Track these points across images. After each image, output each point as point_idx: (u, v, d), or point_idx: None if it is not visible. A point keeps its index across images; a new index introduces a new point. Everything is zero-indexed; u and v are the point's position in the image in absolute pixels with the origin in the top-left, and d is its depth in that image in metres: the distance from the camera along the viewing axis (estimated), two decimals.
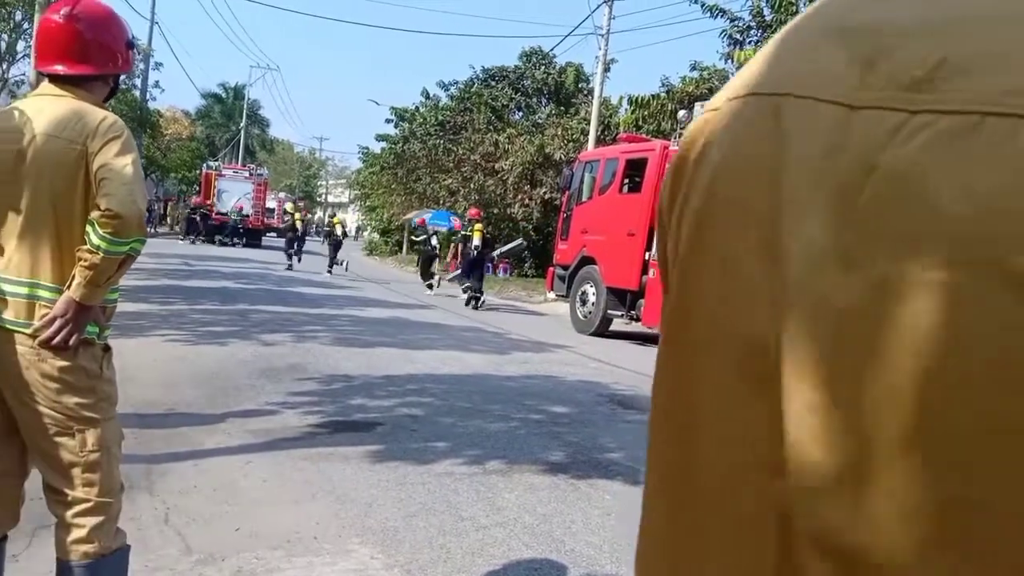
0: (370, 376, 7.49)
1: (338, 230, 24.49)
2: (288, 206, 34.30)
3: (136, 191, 2.23)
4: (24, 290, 2.24)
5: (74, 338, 2.21)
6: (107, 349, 2.38)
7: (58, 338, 2.19)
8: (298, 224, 25.73)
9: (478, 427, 5.94)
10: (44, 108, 2.33)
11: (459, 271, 19.23)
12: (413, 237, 24.77)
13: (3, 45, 21.90)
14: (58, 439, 2.27)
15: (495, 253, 17.02)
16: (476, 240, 17.21)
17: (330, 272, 22.99)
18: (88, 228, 2.21)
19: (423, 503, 4.20)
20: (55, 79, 2.40)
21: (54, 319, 2.18)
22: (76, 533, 2.29)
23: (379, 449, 5.11)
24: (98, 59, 2.42)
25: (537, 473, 4.90)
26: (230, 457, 4.73)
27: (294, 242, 25.14)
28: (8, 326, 2.23)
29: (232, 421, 5.50)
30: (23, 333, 2.22)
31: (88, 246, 2.19)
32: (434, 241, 20.02)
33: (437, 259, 21.26)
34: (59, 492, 2.29)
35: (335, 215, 28.48)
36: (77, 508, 2.28)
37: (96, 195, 2.22)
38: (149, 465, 4.39)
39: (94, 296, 2.22)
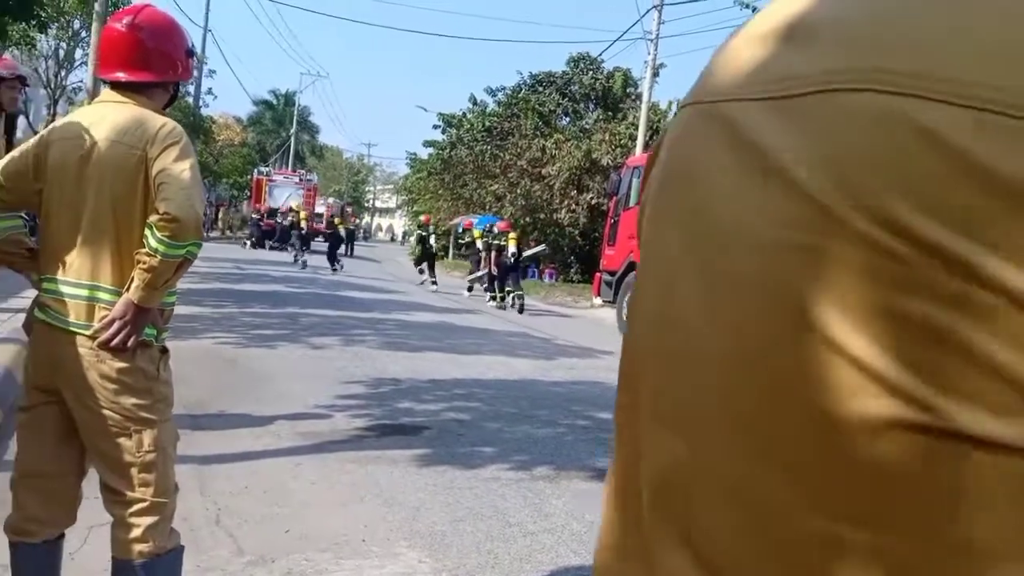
0: (417, 380, 7.51)
1: (341, 230, 25.86)
2: (293, 204, 34.36)
3: (193, 195, 2.26)
4: (84, 292, 2.28)
5: (132, 340, 2.25)
6: (164, 351, 2.42)
7: (117, 340, 2.22)
8: (340, 229, 26.48)
9: (525, 432, 5.91)
10: (106, 114, 2.37)
11: (481, 273, 20.18)
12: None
13: (62, 53, 22.52)
14: (116, 440, 2.30)
15: (521, 256, 17.62)
16: (512, 248, 17.71)
17: (334, 270, 24.09)
18: (147, 231, 2.25)
19: (470, 508, 4.19)
20: (116, 86, 2.44)
21: (113, 321, 2.22)
22: (132, 532, 2.31)
23: (426, 453, 5.12)
24: (158, 66, 2.46)
25: (585, 480, 4.86)
26: (279, 459, 4.77)
27: (303, 240, 26.42)
28: (69, 328, 2.28)
29: (281, 423, 5.55)
30: (83, 335, 2.25)
31: (147, 249, 2.23)
32: (479, 244, 20.28)
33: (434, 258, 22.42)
34: (116, 492, 2.32)
35: (336, 215, 29.44)
36: (133, 508, 2.32)
37: (155, 199, 2.25)
38: (200, 466, 4.44)
39: (152, 298, 2.25)
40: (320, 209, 43.82)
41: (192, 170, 2.30)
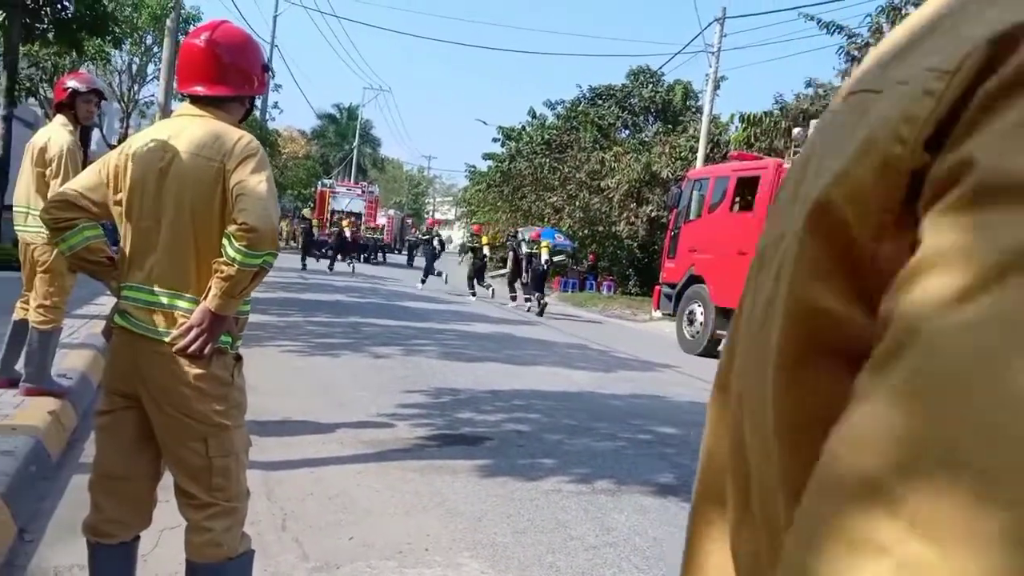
0: (476, 391, 7.55)
1: (346, 231, 26.99)
2: (306, 212, 34.33)
3: (270, 207, 2.31)
4: (164, 300, 2.35)
5: (209, 347, 2.31)
6: (239, 359, 2.48)
7: (194, 347, 2.29)
8: (346, 231, 27.97)
9: (585, 445, 5.89)
10: (185, 127, 2.45)
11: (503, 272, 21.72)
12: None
13: (135, 67, 23.24)
14: (192, 444, 2.36)
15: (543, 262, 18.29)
16: (545, 255, 18.48)
17: (330, 269, 25.49)
18: (224, 241, 2.31)
19: (531, 520, 4.19)
20: (195, 99, 2.52)
21: (191, 328, 2.28)
22: (205, 536, 2.37)
23: (487, 464, 5.13)
24: (235, 81, 2.53)
25: (647, 495, 4.82)
26: (344, 466, 4.84)
27: (310, 246, 27.35)
28: (149, 335, 2.35)
29: (345, 431, 5.62)
30: (163, 341, 2.32)
31: (224, 258, 2.29)
32: (486, 251, 21.72)
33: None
34: (190, 495, 2.38)
35: (341, 219, 30.53)
36: (207, 512, 2.37)
37: (232, 210, 2.31)
38: (267, 472, 4.52)
39: (229, 307, 2.31)
40: (381, 220, 44.41)
41: (268, 182, 2.36)
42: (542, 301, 18.18)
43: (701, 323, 13.52)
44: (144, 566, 3.16)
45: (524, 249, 19.07)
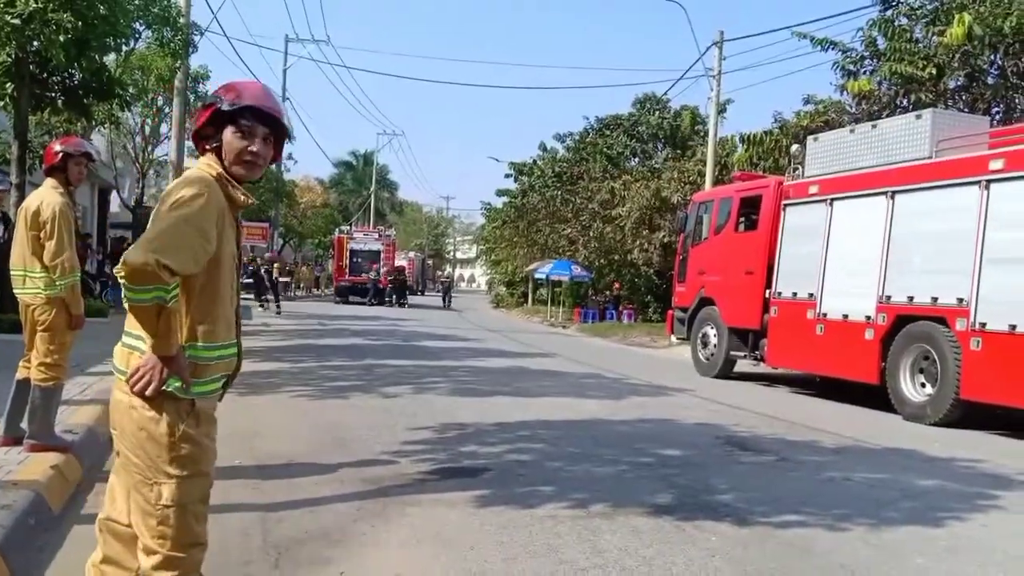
0: (482, 424, 7.60)
1: (275, 271, 27.55)
2: (259, 257, 33.29)
3: (144, 241, 2.25)
4: (129, 340, 2.46)
5: (151, 388, 2.32)
6: (193, 406, 2.44)
7: (138, 386, 2.33)
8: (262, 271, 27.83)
9: (585, 471, 5.92)
10: None
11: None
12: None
13: (148, 129, 23.75)
14: (139, 487, 2.40)
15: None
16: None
17: (262, 307, 25.89)
18: None
19: (524, 546, 4.23)
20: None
21: (139, 368, 2.36)
22: None
23: (485, 494, 5.18)
24: None
25: (642, 515, 4.84)
26: (343, 504, 4.90)
27: (263, 289, 27.59)
28: (116, 373, 2.46)
29: (347, 470, 5.70)
30: (122, 380, 2.42)
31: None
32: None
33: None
34: (138, 537, 2.43)
35: (257, 257, 30.78)
36: (150, 560, 2.39)
37: None
38: (265, 513, 4.61)
39: (160, 347, 2.32)
40: (402, 262, 44.76)
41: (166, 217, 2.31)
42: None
43: (715, 345, 13.50)
44: None
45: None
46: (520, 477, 5.67)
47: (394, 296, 36.68)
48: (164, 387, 2.34)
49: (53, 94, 11.47)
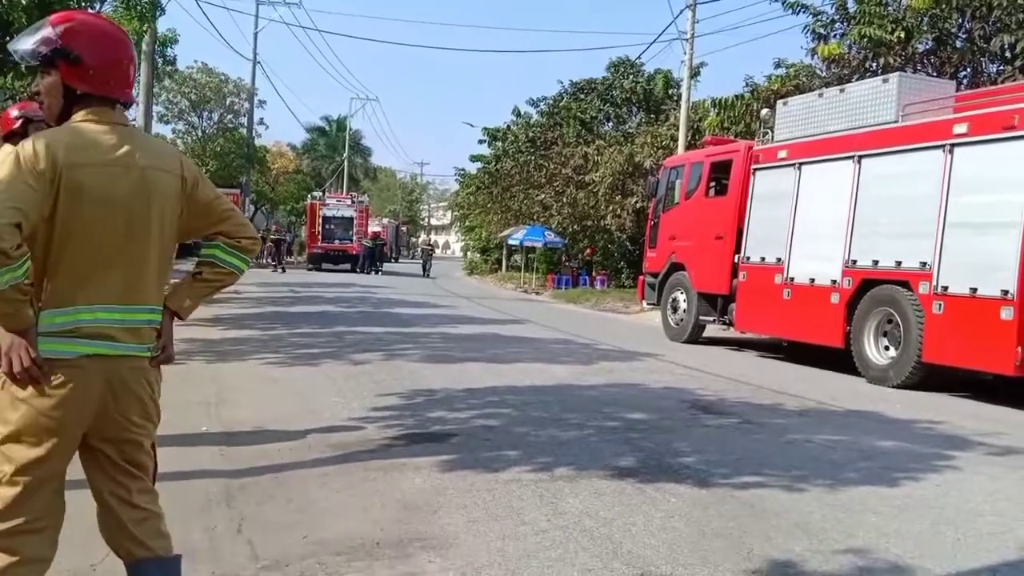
0: (451, 390, 7.64)
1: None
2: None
3: None
4: (141, 316, 2.50)
5: None
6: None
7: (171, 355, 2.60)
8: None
9: (551, 436, 5.99)
10: (135, 137, 2.50)
11: None
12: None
13: None
14: (146, 445, 2.60)
15: None
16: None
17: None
18: (217, 250, 2.68)
19: (486, 509, 4.28)
20: (124, 107, 2.55)
21: (168, 338, 2.59)
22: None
23: (451, 459, 5.23)
24: None
25: (604, 478, 4.91)
26: (308, 470, 4.93)
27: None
28: (130, 352, 2.48)
29: (314, 436, 5.72)
30: (142, 356, 2.50)
31: (224, 266, 2.69)
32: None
33: None
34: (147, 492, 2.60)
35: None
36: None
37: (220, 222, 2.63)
38: (230, 480, 4.63)
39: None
40: (376, 228, 44.52)
41: None
42: None
43: (684, 310, 13.60)
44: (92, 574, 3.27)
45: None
46: (486, 442, 5.73)
47: (367, 263, 36.54)
48: None
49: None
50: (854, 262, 10.22)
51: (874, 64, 16.16)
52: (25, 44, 2.40)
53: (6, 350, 2.26)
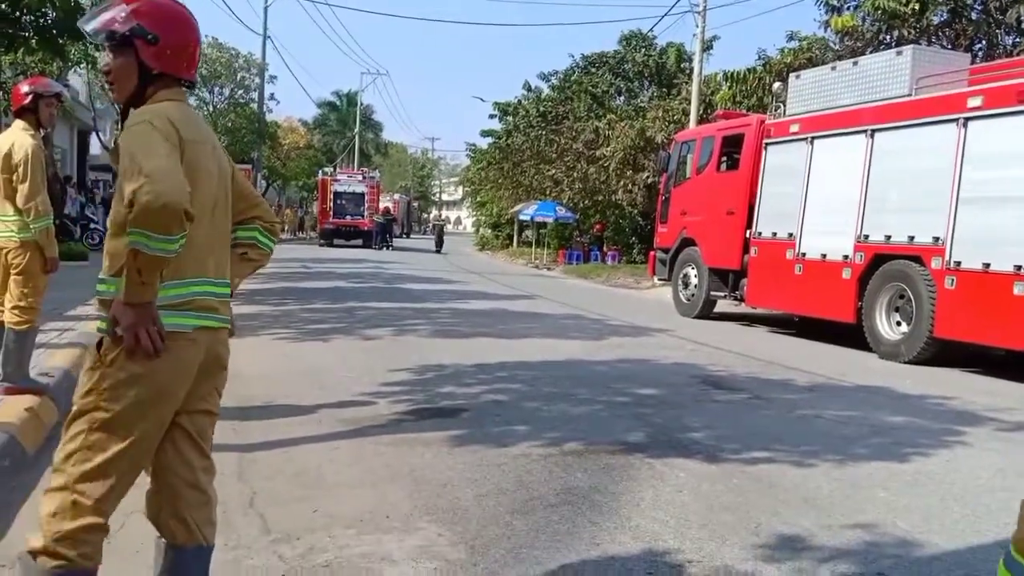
0: (462, 365, 7.67)
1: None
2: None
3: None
4: (227, 291, 2.58)
5: None
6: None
7: None
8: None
9: (561, 411, 6.01)
10: (198, 119, 2.55)
11: None
12: None
13: None
14: (216, 415, 2.70)
15: None
16: None
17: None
18: (255, 232, 2.74)
19: (496, 484, 4.31)
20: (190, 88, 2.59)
21: None
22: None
23: (461, 434, 5.25)
24: None
25: (613, 453, 4.93)
26: (319, 444, 4.97)
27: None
28: (226, 324, 2.55)
29: (325, 411, 5.76)
30: (228, 327, 2.59)
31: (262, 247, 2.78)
32: None
33: None
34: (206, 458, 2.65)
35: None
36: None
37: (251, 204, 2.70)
38: (242, 454, 4.67)
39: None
40: (387, 203, 44.52)
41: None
42: None
43: (695, 285, 13.58)
44: (108, 547, 3.30)
45: None
46: (496, 417, 5.75)
47: (378, 238, 36.59)
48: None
49: (26, 34, 11.19)
50: (866, 237, 10.16)
51: (888, 36, 15.97)
52: (98, 23, 2.40)
53: (129, 324, 2.21)
